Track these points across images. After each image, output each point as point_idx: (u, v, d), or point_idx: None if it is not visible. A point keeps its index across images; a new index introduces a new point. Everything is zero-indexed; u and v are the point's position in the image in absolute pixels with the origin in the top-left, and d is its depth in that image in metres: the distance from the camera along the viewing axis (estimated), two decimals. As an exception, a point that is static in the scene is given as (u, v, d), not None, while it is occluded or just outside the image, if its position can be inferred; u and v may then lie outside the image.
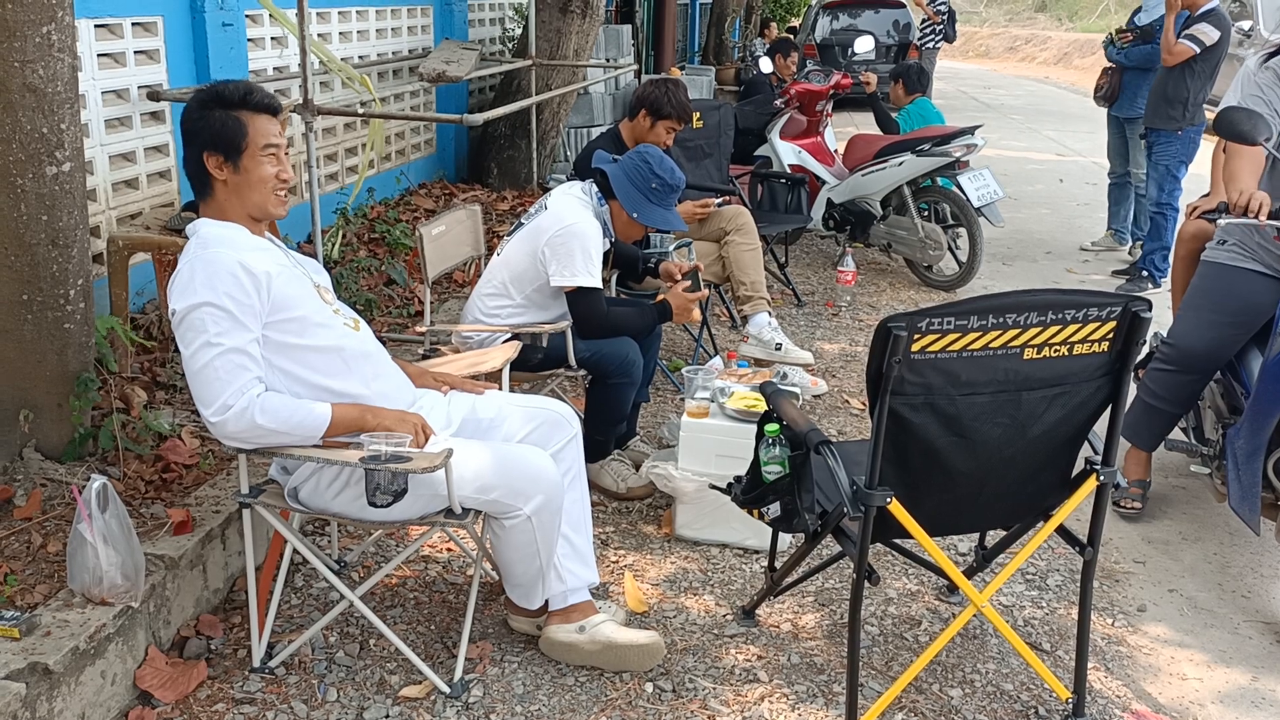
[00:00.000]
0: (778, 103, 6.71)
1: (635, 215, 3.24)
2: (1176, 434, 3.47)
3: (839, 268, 6.01)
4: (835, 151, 6.65)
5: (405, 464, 2.15)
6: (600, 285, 3.23)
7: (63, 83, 2.58)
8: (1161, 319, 2.83)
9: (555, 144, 7.35)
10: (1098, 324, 2.09)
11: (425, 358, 3.13)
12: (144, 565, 2.34)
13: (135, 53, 3.99)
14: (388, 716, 2.35)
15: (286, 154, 2.30)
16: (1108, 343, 2.12)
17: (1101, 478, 2.26)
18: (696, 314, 3.51)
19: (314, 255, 4.13)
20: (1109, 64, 6.49)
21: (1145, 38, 6.04)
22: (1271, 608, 2.97)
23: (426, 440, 2.30)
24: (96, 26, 3.77)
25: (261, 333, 2.19)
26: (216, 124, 2.21)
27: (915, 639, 2.73)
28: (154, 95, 4.03)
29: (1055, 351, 2.09)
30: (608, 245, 3.38)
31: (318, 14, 5.34)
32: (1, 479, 2.70)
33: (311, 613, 2.73)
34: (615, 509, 3.37)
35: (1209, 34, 5.50)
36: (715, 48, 16.40)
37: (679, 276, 3.61)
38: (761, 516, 2.46)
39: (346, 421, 2.24)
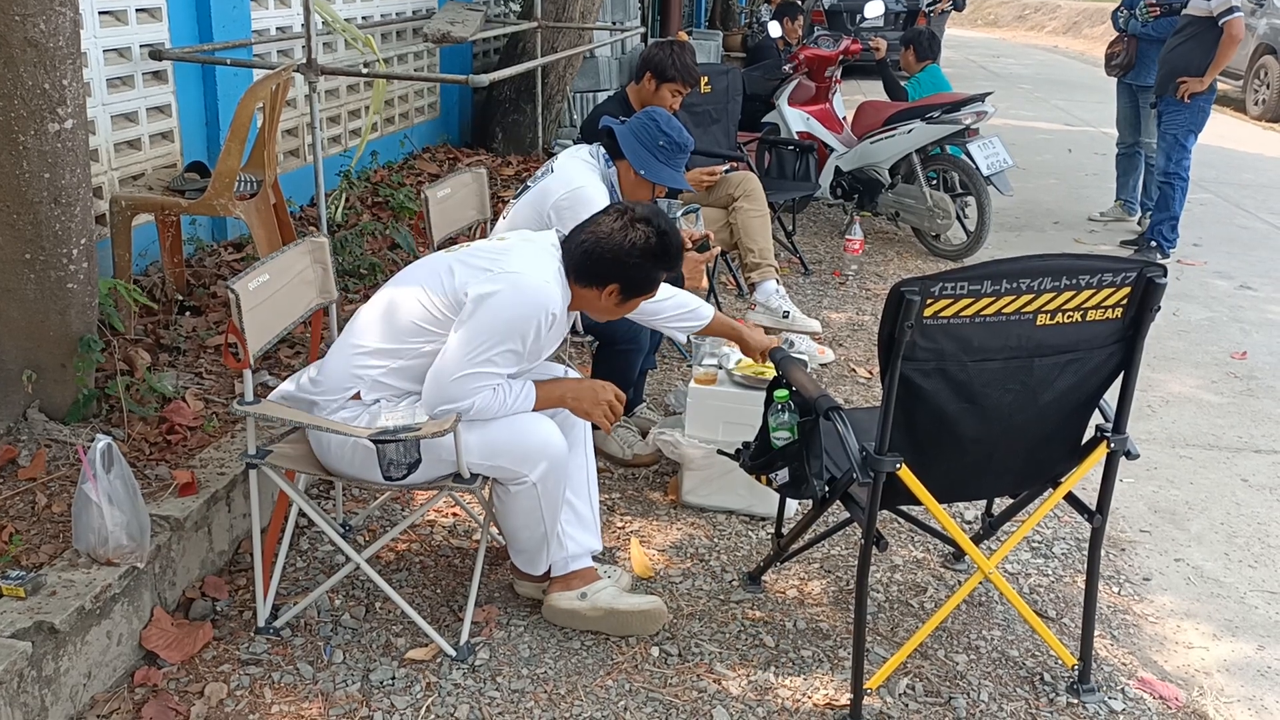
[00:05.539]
0: (786, 68, 6.63)
1: (642, 172, 3.20)
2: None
3: (846, 236, 5.97)
4: (844, 118, 6.57)
5: (414, 432, 2.14)
6: (607, 250, 3.20)
7: (64, 37, 2.53)
8: (1170, 290, 2.69)
9: (561, 108, 7.27)
10: (1112, 289, 2.06)
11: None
12: (149, 526, 2.33)
13: (137, 10, 3.93)
14: (394, 679, 2.35)
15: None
16: (1121, 309, 2.09)
17: (1112, 445, 2.25)
18: (704, 281, 3.47)
19: (317, 218, 4.10)
20: (1120, 33, 6.42)
21: (1171, 10, 5.97)
22: (1278, 577, 2.96)
23: (617, 419, 2.48)
24: (97, -17, 3.71)
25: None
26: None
27: (920, 605, 2.73)
28: (156, 54, 3.97)
29: (1068, 318, 2.07)
30: (614, 209, 3.34)
31: (321, -26, 5.26)
32: (6, 439, 2.69)
33: (317, 575, 2.73)
34: (621, 475, 3.36)
35: None
36: (722, 13, 16.21)
37: (688, 243, 3.57)
38: (770, 482, 2.45)
39: (550, 402, 2.42)
